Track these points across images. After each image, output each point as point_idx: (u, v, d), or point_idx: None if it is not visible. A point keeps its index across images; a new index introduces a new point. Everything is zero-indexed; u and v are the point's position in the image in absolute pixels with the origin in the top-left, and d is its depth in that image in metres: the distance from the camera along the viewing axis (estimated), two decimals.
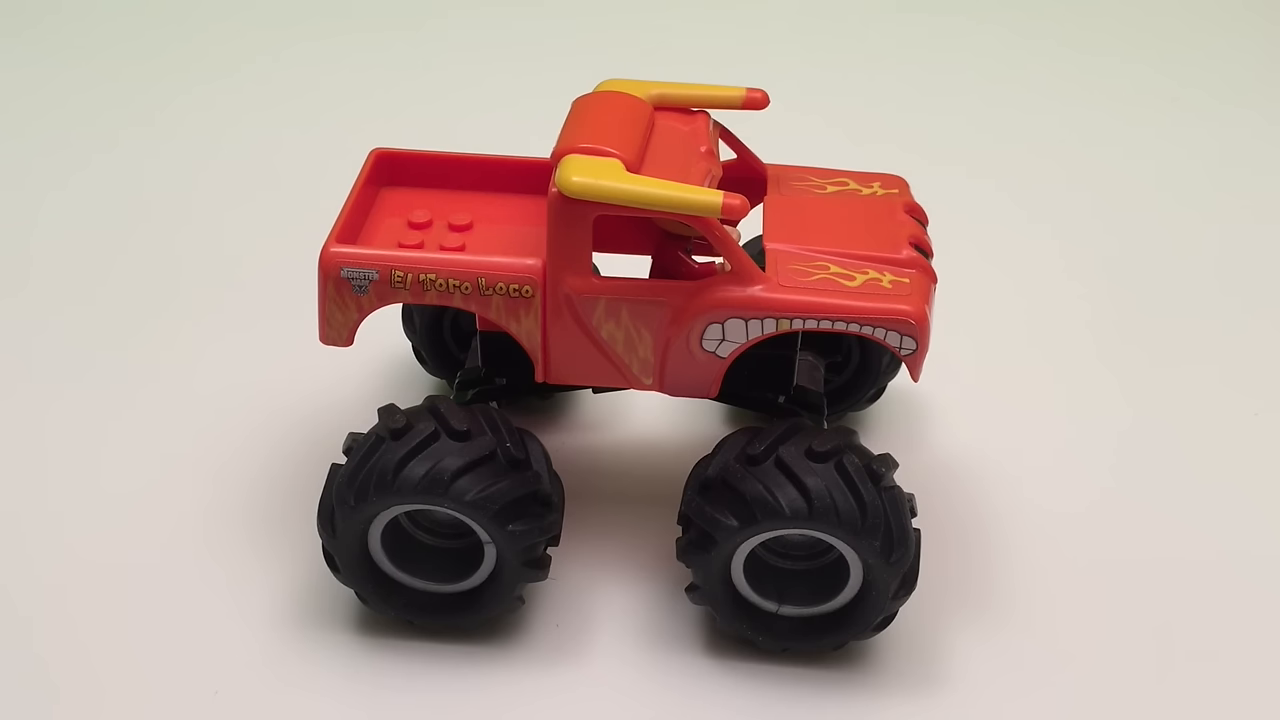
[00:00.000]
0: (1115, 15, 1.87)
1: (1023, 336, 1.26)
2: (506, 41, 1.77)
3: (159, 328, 1.24)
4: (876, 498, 0.87)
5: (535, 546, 0.91)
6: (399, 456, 0.88)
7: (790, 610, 0.92)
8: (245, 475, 1.08)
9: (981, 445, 1.13)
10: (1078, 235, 1.41)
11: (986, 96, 1.67)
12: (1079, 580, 1.01)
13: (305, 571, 0.99)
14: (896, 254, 0.92)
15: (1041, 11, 1.87)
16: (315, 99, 1.63)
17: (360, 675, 0.93)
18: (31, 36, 1.74)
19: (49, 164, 1.49)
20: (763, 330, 0.89)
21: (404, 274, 0.90)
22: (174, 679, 0.93)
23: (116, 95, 1.62)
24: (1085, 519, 1.06)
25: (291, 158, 1.50)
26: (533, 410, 1.13)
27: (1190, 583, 1.01)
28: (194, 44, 1.74)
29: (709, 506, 0.89)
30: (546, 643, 0.95)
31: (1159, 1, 1.90)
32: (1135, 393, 1.19)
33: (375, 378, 1.17)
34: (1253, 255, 1.39)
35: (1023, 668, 0.95)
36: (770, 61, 1.72)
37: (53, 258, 1.34)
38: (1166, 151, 1.57)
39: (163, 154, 1.51)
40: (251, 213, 1.41)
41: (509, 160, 1.00)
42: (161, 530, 1.03)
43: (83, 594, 0.98)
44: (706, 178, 0.90)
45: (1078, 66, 1.74)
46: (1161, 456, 1.13)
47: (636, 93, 0.95)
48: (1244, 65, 1.75)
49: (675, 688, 0.93)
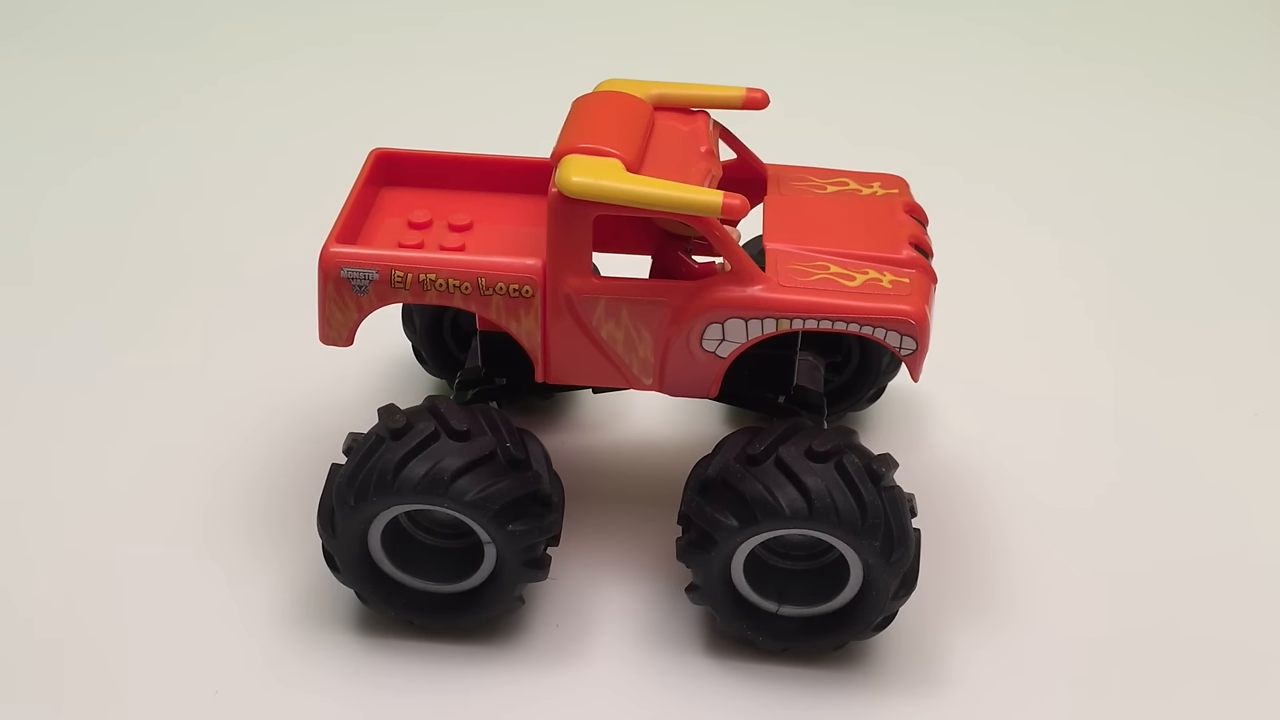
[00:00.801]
0: (1116, 16, 1.87)
1: (1022, 336, 1.26)
2: (506, 42, 1.77)
3: (159, 327, 1.24)
4: (876, 498, 0.87)
5: (535, 546, 0.91)
6: (399, 456, 0.88)
7: (790, 610, 0.92)
8: (245, 475, 1.08)
9: (981, 445, 1.13)
10: (1077, 235, 1.41)
11: (986, 96, 1.67)
12: (1079, 580, 1.01)
13: (305, 571, 0.99)
14: (896, 254, 0.92)
15: (1042, 12, 1.87)
16: (315, 99, 1.63)
17: (360, 675, 0.93)
18: (33, 35, 1.74)
19: (51, 162, 1.49)
20: (763, 330, 0.89)
21: (404, 274, 0.90)
22: (174, 679, 0.93)
23: (116, 95, 1.62)
24: (1085, 519, 1.06)
25: (291, 157, 1.50)
26: (533, 410, 1.13)
27: (1191, 582, 1.01)
28: (194, 44, 1.74)
29: (709, 506, 0.89)
30: (546, 643, 0.95)
31: (1160, 2, 1.90)
32: (1135, 393, 1.19)
33: (375, 378, 1.17)
34: (1253, 255, 1.39)
35: (1023, 668, 0.95)
36: (770, 61, 1.72)
37: (53, 256, 1.34)
38: (1167, 151, 1.57)
39: (164, 153, 1.51)
40: (251, 212, 1.41)
41: (509, 160, 1.00)
42: (162, 530, 1.03)
43: (83, 593, 0.98)
44: (706, 178, 0.90)
45: (1078, 67, 1.74)
46: (1162, 456, 1.13)
47: (636, 93, 0.95)
48: (1244, 66, 1.75)
49: (675, 688, 0.93)
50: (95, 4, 1.81)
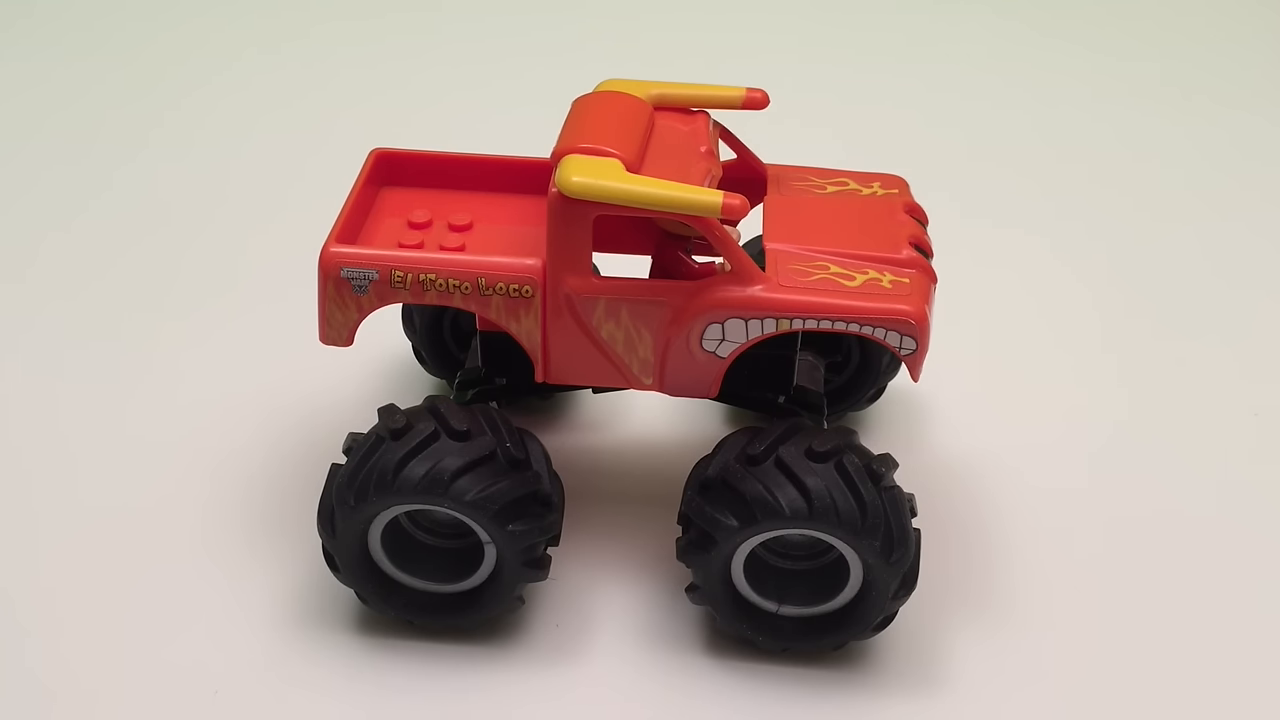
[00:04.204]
0: (1121, 13, 1.87)
1: (1023, 336, 1.26)
2: (507, 41, 1.77)
3: (159, 326, 1.24)
4: (876, 498, 0.87)
5: (535, 546, 0.91)
6: (399, 456, 0.88)
7: (790, 610, 0.92)
8: (245, 475, 1.08)
9: (982, 445, 1.13)
10: (1078, 234, 1.41)
11: (987, 96, 1.67)
12: (1079, 580, 1.01)
13: (305, 571, 0.99)
14: (896, 254, 0.92)
15: (1045, 10, 1.87)
16: (315, 99, 1.63)
17: (360, 675, 0.93)
18: (33, 34, 1.74)
19: (51, 163, 1.49)
20: (763, 330, 0.89)
21: (404, 274, 0.90)
22: (174, 679, 0.93)
23: (116, 95, 1.62)
24: (1086, 518, 1.06)
25: (291, 157, 1.50)
26: (533, 410, 1.13)
27: (1191, 583, 1.01)
28: (193, 43, 1.74)
29: (709, 506, 0.89)
30: (546, 643, 0.95)
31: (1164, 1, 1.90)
32: (1136, 393, 1.19)
33: (375, 378, 1.17)
34: (1254, 255, 1.39)
35: (1023, 668, 0.95)
36: (770, 61, 1.72)
37: (53, 254, 1.34)
38: (1168, 150, 1.57)
39: (163, 152, 1.51)
40: (251, 212, 1.41)
41: (509, 160, 1.00)
42: (161, 530, 1.03)
43: (82, 593, 0.98)
44: (706, 178, 0.90)
45: (1082, 65, 1.74)
46: (1162, 456, 1.13)
47: (636, 93, 0.95)
48: (1251, 63, 1.75)
49: (675, 688, 0.93)
50: (95, 4, 1.81)
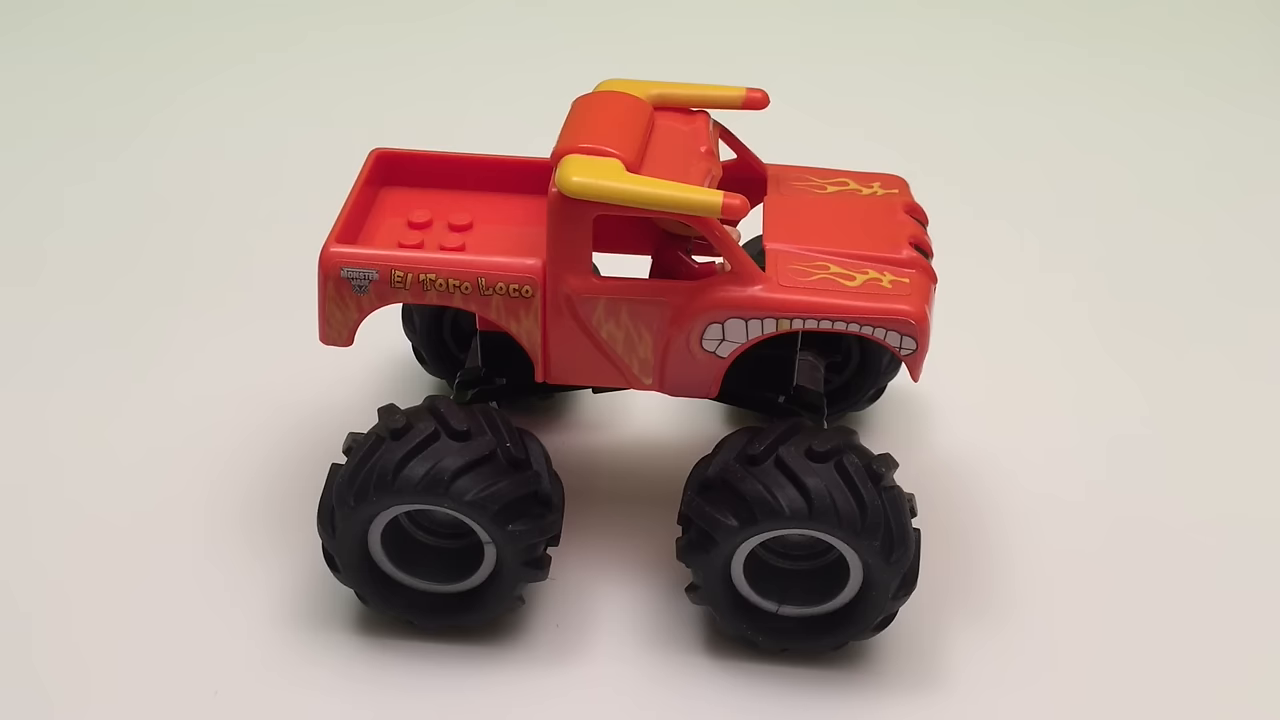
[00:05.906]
0: (1118, 14, 1.87)
1: (1023, 336, 1.26)
2: (507, 41, 1.77)
3: (159, 327, 1.24)
4: (876, 498, 0.87)
5: (535, 546, 0.91)
6: (399, 456, 0.88)
7: (790, 610, 0.92)
8: (245, 475, 1.08)
9: (982, 445, 1.13)
10: (1078, 234, 1.41)
11: (987, 96, 1.67)
12: (1079, 580, 1.01)
13: (305, 571, 0.99)
14: (896, 254, 0.92)
15: (1044, 10, 1.87)
16: (315, 99, 1.63)
17: (360, 675, 0.93)
18: (33, 35, 1.74)
19: (52, 163, 1.49)
20: (763, 330, 0.89)
21: (404, 274, 0.90)
22: (174, 679, 0.93)
23: (116, 94, 1.63)
24: (1086, 519, 1.06)
25: (291, 157, 1.50)
26: (533, 410, 1.13)
27: (1192, 583, 1.01)
28: (194, 41, 1.74)
29: (709, 506, 0.89)
30: (546, 643, 0.95)
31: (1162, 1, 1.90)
32: (1136, 393, 1.19)
33: (375, 378, 1.17)
34: (1254, 255, 1.39)
35: (1023, 668, 0.95)
36: (770, 61, 1.72)
37: (52, 253, 1.34)
38: (1168, 151, 1.57)
39: (164, 152, 1.51)
40: (251, 212, 1.41)
41: (509, 160, 1.00)
42: (161, 530, 1.03)
43: (82, 593, 0.98)
44: (706, 178, 0.90)
45: (1080, 65, 1.74)
46: (1162, 456, 1.13)
47: (636, 93, 0.95)
48: (1248, 64, 1.75)
49: (675, 688, 0.93)
50: (96, 4, 1.81)
